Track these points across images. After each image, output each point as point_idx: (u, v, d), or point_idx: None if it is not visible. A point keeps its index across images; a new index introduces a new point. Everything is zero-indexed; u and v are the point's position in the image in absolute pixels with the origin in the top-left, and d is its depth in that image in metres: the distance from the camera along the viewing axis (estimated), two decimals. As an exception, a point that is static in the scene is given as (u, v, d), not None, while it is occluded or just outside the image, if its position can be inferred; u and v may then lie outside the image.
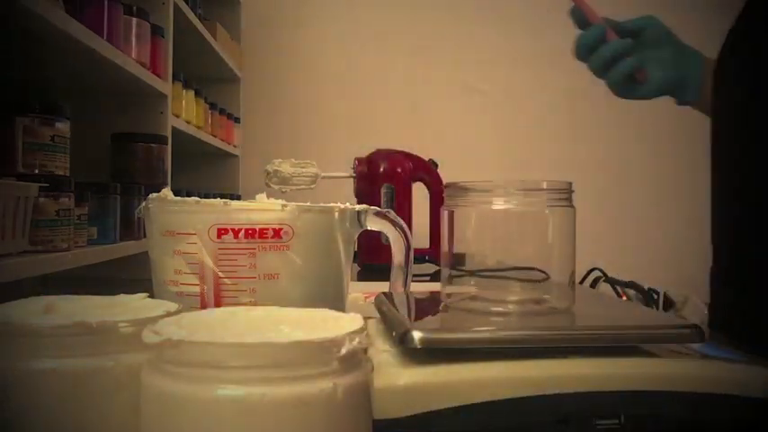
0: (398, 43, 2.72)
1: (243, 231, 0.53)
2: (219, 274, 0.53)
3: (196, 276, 0.53)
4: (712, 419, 0.45)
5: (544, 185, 0.56)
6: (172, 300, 0.45)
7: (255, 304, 0.50)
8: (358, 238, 0.65)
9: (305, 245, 0.55)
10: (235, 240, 0.53)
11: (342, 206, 0.59)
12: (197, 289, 0.53)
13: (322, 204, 0.59)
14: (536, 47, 2.75)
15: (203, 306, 0.53)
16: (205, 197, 0.73)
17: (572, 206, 0.57)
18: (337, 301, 0.59)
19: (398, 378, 0.44)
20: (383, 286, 0.81)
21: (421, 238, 1.21)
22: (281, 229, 0.54)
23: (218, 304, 0.52)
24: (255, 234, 0.53)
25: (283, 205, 0.55)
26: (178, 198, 0.59)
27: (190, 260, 0.53)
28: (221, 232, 0.54)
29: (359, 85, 2.70)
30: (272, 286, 0.53)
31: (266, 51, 2.69)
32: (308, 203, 0.58)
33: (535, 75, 2.64)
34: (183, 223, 0.56)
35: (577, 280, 1.87)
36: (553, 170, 2.50)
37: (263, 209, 0.55)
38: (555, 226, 0.57)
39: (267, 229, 0.54)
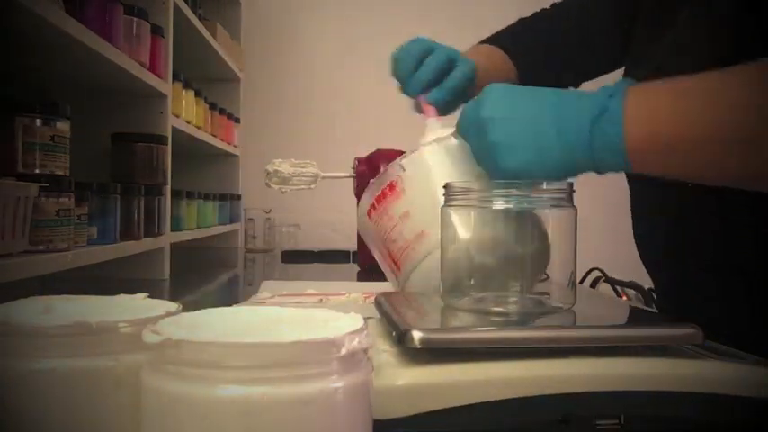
0: (399, 43, 2.71)
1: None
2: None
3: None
4: (712, 419, 0.45)
5: (544, 186, 0.56)
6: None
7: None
8: (358, 237, 0.65)
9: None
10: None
11: None
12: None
13: None
14: (536, 47, 2.75)
15: None
16: (205, 197, 0.74)
17: (573, 207, 0.57)
18: None
19: (398, 378, 0.44)
20: (383, 286, 0.82)
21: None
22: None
23: None
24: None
25: None
26: None
27: None
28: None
29: (359, 85, 2.70)
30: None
31: (266, 51, 2.69)
32: None
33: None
34: None
35: (577, 280, 1.86)
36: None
37: None
38: (555, 226, 0.57)
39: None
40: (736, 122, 0.56)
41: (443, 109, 0.85)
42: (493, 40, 0.99)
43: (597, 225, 2.75)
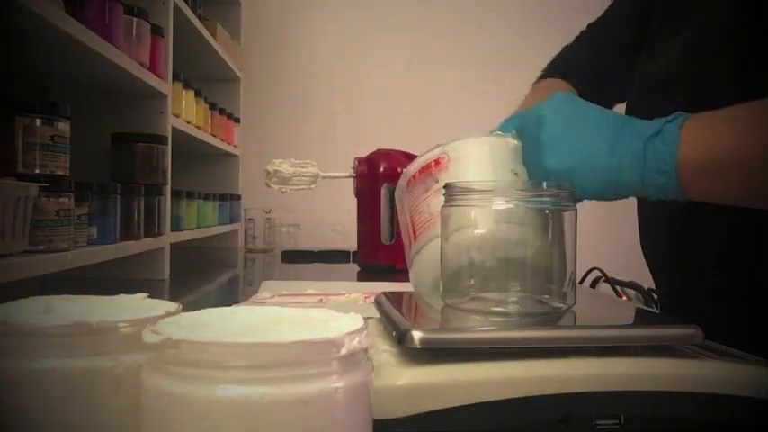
0: (399, 43, 2.72)
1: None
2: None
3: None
4: (712, 419, 0.45)
5: (544, 186, 0.56)
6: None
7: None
8: (358, 237, 0.66)
9: None
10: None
11: None
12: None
13: None
14: (536, 47, 2.75)
15: None
16: (205, 197, 0.74)
17: (574, 208, 0.56)
18: None
19: (398, 378, 0.44)
20: (383, 286, 0.82)
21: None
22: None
23: None
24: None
25: None
26: None
27: None
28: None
29: (359, 84, 2.70)
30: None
31: (266, 51, 2.69)
32: None
33: (535, 75, 2.64)
34: None
35: (577, 280, 1.85)
36: (553, 170, 2.49)
37: None
38: (556, 227, 0.57)
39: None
40: None
41: None
42: (549, 71, 0.98)
43: (597, 225, 2.75)
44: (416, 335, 0.45)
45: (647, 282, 2.02)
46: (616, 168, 0.60)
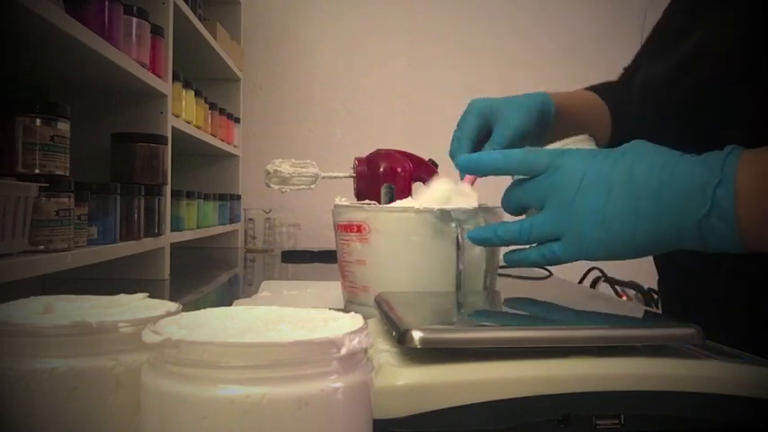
0: (398, 43, 2.72)
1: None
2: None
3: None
4: (712, 419, 0.45)
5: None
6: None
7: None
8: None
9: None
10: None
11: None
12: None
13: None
14: (536, 47, 2.75)
15: None
16: (205, 197, 0.76)
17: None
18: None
19: (398, 378, 0.44)
20: (383, 286, 0.82)
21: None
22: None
23: None
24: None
25: None
26: None
27: None
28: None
29: (359, 84, 2.70)
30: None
31: (266, 51, 2.69)
32: None
33: (534, 75, 2.64)
34: None
35: (577, 280, 1.87)
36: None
37: None
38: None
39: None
40: None
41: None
42: (598, 87, 0.94)
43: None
44: (416, 335, 0.45)
45: (647, 282, 2.03)
46: (670, 245, 0.55)
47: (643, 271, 2.01)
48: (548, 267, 1.59)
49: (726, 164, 0.52)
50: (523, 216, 0.63)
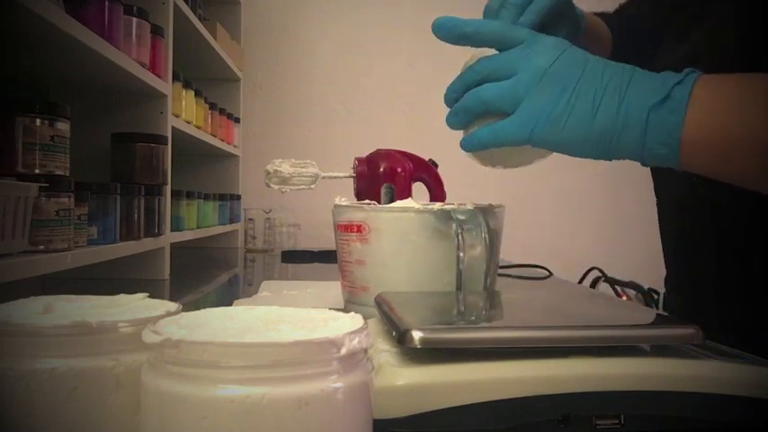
0: (398, 43, 2.72)
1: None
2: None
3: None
4: (712, 419, 0.45)
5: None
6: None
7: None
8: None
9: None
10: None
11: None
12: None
13: None
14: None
15: None
16: (205, 197, 0.76)
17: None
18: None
19: (398, 378, 0.44)
20: (383, 286, 0.82)
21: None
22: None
23: None
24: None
25: None
26: None
27: None
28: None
29: (359, 84, 2.70)
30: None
31: (266, 51, 2.69)
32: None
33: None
34: None
35: (577, 280, 1.86)
36: (553, 170, 2.49)
37: None
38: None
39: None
40: None
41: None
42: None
43: (597, 225, 2.75)
44: (416, 335, 0.45)
45: (647, 282, 2.03)
46: (615, 132, 0.56)
47: (643, 271, 2.01)
48: (548, 268, 1.59)
49: (689, 74, 0.55)
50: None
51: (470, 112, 0.62)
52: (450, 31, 0.63)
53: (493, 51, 0.63)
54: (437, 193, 1.30)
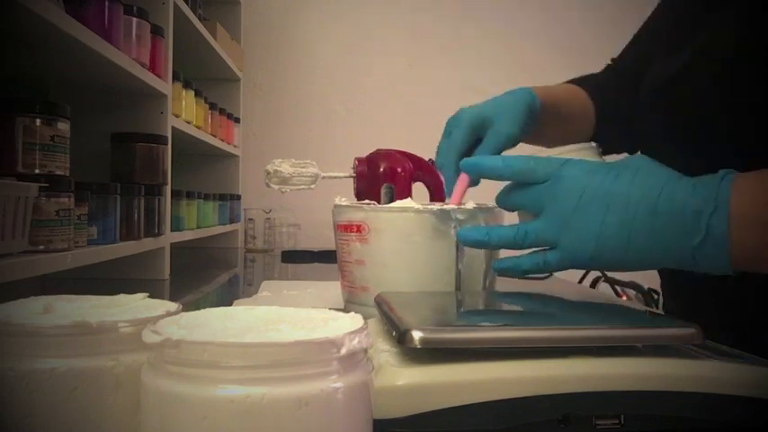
0: (398, 43, 2.72)
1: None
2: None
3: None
4: (712, 419, 0.45)
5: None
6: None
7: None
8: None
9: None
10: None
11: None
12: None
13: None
14: (535, 47, 2.75)
15: None
16: (205, 197, 0.76)
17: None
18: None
19: (398, 378, 0.44)
20: (383, 286, 0.82)
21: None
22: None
23: None
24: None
25: None
26: None
27: None
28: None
29: (359, 84, 2.70)
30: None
31: (266, 51, 2.69)
32: None
33: (534, 75, 2.63)
34: None
35: (577, 279, 1.87)
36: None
37: None
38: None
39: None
40: None
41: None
42: (580, 80, 0.96)
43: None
44: (416, 335, 0.45)
45: (647, 282, 2.02)
46: (660, 263, 0.57)
47: (643, 271, 2.00)
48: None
49: (720, 190, 0.53)
50: (517, 222, 0.64)
51: (519, 244, 0.63)
52: (475, 173, 0.67)
53: None
54: (437, 193, 1.30)
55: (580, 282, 1.95)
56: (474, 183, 0.71)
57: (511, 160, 0.62)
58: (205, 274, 1.80)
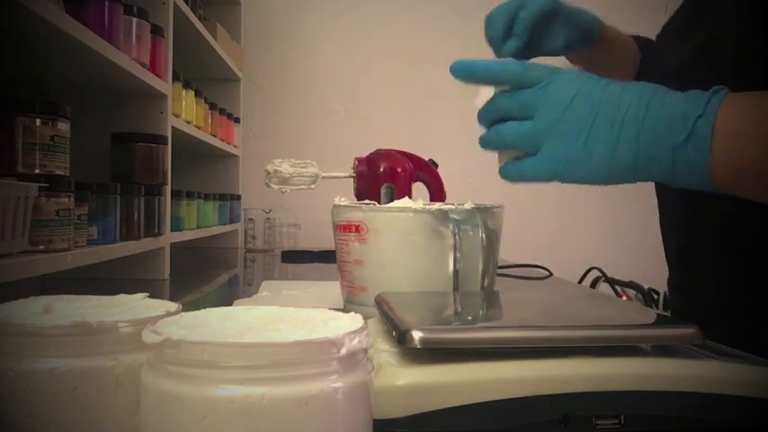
0: (399, 43, 2.72)
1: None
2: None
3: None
4: (712, 419, 0.45)
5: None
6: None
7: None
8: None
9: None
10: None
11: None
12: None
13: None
14: (536, 47, 2.75)
15: None
16: (205, 197, 0.76)
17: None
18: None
19: (398, 378, 0.44)
20: (383, 286, 0.82)
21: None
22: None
23: None
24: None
25: None
26: None
27: None
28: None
29: (359, 84, 2.70)
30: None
31: (266, 51, 2.69)
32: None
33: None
34: None
35: (577, 280, 1.86)
36: (553, 170, 2.49)
37: None
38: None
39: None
40: None
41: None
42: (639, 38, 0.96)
43: (597, 225, 2.75)
44: (416, 335, 0.45)
45: (647, 282, 2.02)
46: (641, 170, 0.56)
47: (643, 271, 2.01)
48: (548, 268, 1.59)
49: (710, 101, 0.54)
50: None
51: (495, 146, 0.63)
52: (467, 75, 0.64)
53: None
54: (437, 193, 1.30)
55: (580, 282, 1.95)
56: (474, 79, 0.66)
57: (506, 61, 0.62)
58: (205, 274, 1.80)
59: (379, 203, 0.84)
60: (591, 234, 2.74)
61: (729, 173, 0.54)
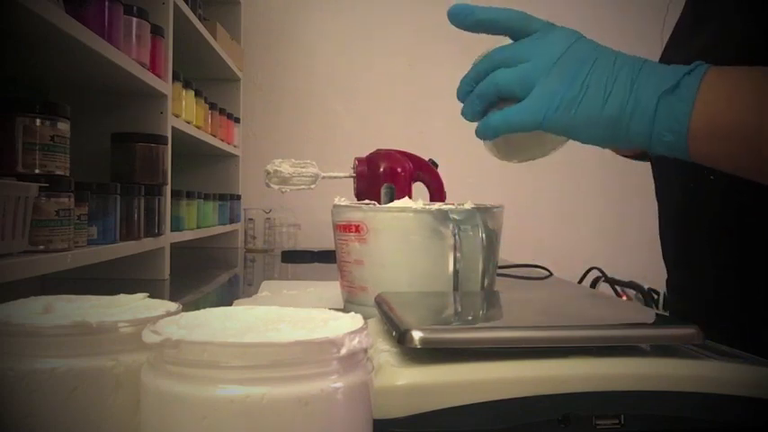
0: (399, 43, 2.72)
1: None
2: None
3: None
4: (712, 419, 0.45)
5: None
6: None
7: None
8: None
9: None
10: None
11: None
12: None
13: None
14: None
15: None
16: (205, 197, 0.77)
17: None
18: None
19: (398, 378, 0.44)
20: (383, 286, 0.82)
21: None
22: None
23: None
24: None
25: None
26: None
27: None
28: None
29: (359, 84, 2.70)
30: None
31: (266, 51, 2.69)
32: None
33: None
34: None
35: (577, 279, 1.87)
36: (554, 170, 2.49)
37: None
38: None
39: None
40: None
41: None
42: None
43: (597, 225, 2.75)
44: (416, 335, 0.45)
45: (647, 282, 2.03)
46: (625, 118, 0.57)
47: (643, 271, 2.01)
48: (548, 268, 1.59)
49: (699, 66, 0.57)
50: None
51: (483, 96, 0.63)
52: (465, 18, 0.64)
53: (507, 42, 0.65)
54: (437, 193, 1.30)
55: (580, 282, 1.96)
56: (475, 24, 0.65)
57: (508, 8, 0.63)
58: (205, 274, 1.80)
59: (379, 203, 0.84)
60: (591, 234, 2.74)
61: (709, 133, 0.55)
